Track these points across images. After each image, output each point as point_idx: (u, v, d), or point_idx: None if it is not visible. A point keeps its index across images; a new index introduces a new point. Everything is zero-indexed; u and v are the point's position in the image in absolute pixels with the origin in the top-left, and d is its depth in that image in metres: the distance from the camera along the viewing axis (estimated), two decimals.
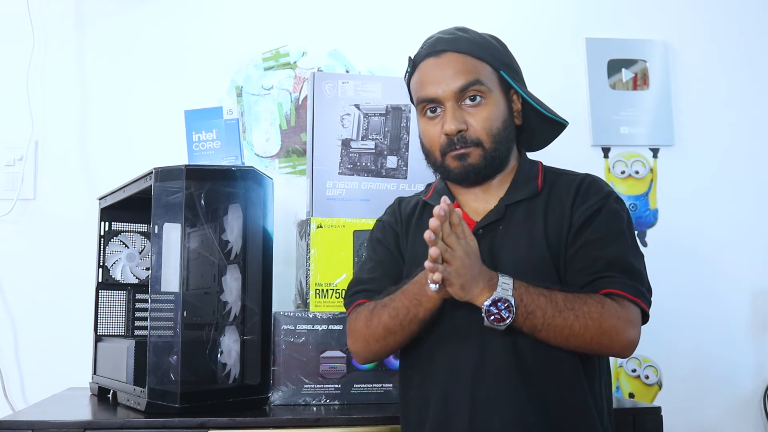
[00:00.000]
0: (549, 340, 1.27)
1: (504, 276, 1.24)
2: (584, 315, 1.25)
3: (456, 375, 1.32)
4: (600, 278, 1.30)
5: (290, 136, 2.25)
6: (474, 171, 1.38)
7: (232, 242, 1.63)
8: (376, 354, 1.42)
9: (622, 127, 2.35)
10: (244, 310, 1.63)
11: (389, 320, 1.34)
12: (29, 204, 2.17)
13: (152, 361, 1.55)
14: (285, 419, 1.57)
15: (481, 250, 1.32)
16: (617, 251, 1.32)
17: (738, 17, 2.43)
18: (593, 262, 1.31)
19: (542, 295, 1.24)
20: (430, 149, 1.42)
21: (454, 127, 1.35)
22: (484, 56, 1.39)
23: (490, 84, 1.39)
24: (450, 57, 1.38)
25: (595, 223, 1.34)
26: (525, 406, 1.28)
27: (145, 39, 2.24)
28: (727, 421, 2.27)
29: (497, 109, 1.39)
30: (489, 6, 2.35)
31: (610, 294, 1.28)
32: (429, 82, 1.39)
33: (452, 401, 1.32)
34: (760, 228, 2.36)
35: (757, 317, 2.33)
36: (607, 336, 1.26)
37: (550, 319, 1.24)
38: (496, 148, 1.38)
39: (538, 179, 1.42)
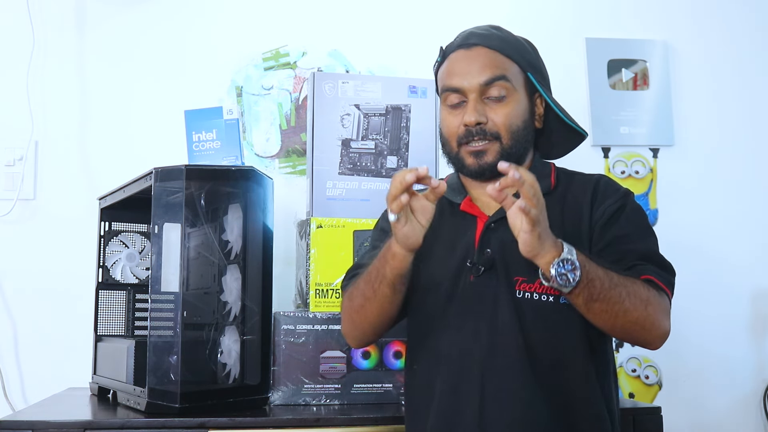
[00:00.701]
0: (600, 313, 1.24)
1: (565, 242, 1.22)
2: (634, 294, 1.25)
3: (466, 367, 1.32)
4: (634, 266, 1.31)
5: (290, 136, 2.25)
6: (489, 168, 1.38)
7: (232, 242, 1.63)
8: (361, 330, 1.42)
9: (622, 127, 2.35)
10: (244, 310, 1.63)
11: (364, 286, 1.36)
12: (29, 204, 2.17)
13: (152, 361, 1.55)
14: (285, 419, 1.57)
15: (492, 243, 1.34)
16: (648, 246, 1.35)
17: (738, 17, 2.43)
18: (625, 255, 1.32)
19: (600, 268, 1.23)
20: (447, 138, 1.43)
21: (474, 119, 1.37)
22: (514, 55, 1.41)
23: (516, 83, 1.40)
24: (480, 51, 1.40)
25: (622, 219, 1.35)
26: (536, 401, 1.28)
27: (145, 39, 2.24)
28: (727, 421, 2.27)
29: (519, 107, 1.40)
30: (489, 6, 2.35)
31: (650, 281, 1.29)
32: (456, 73, 1.41)
33: (461, 394, 1.31)
34: (760, 228, 2.36)
35: (757, 317, 2.33)
36: (649, 321, 1.27)
37: (606, 290, 1.22)
38: (513, 145, 1.39)
39: (551, 177, 1.43)
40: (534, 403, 1.28)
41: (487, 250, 1.35)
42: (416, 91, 1.91)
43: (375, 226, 1.57)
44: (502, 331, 1.30)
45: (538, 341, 1.30)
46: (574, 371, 1.31)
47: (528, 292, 1.32)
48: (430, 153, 1.91)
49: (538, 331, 1.30)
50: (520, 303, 1.31)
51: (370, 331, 1.43)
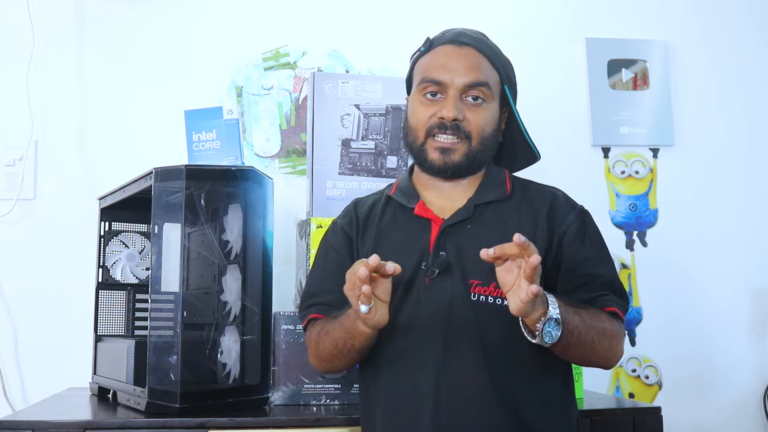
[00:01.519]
0: (572, 355, 1.31)
1: (547, 293, 1.23)
2: (602, 333, 1.30)
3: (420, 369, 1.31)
4: (600, 296, 1.35)
5: (290, 136, 2.25)
6: (453, 167, 1.39)
7: (232, 242, 1.63)
8: (331, 371, 1.51)
9: (622, 127, 2.35)
10: (244, 310, 1.62)
11: (331, 348, 1.37)
12: (29, 204, 2.17)
13: (152, 361, 1.55)
14: (285, 419, 1.56)
15: (447, 246, 1.34)
16: (610, 271, 1.39)
17: (738, 17, 2.43)
18: (592, 280, 1.36)
19: (576, 315, 1.26)
20: (414, 127, 1.41)
21: (453, 115, 1.36)
22: (498, 65, 1.43)
23: (494, 92, 1.42)
24: (470, 51, 1.41)
25: (586, 240, 1.39)
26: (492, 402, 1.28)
27: (145, 39, 2.24)
28: (727, 421, 2.27)
29: (492, 115, 1.42)
30: (489, 6, 2.36)
31: (612, 312, 1.34)
32: (442, 66, 1.39)
33: (417, 396, 1.31)
34: (759, 228, 2.36)
35: (757, 317, 2.33)
36: (611, 353, 1.34)
37: (582, 336, 1.27)
38: (480, 150, 1.40)
39: (507, 184, 1.44)
40: (490, 404, 1.28)
41: (442, 253, 1.35)
42: None
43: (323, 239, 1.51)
44: (457, 333, 1.31)
45: (494, 343, 1.30)
46: (529, 372, 1.32)
47: (483, 295, 1.32)
48: None
49: (493, 333, 1.30)
50: (475, 306, 1.32)
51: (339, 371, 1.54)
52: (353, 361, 1.39)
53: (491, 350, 1.30)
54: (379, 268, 1.20)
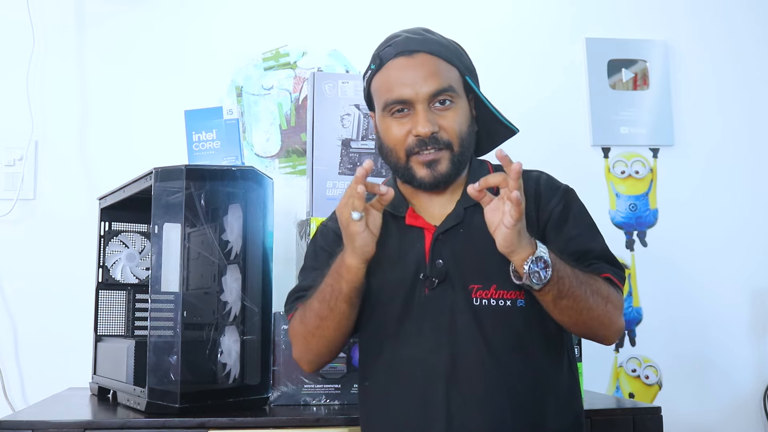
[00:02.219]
0: (565, 309, 1.26)
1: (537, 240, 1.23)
2: (597, 291, 1.28)
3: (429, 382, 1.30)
4: (591, 265, 1.34)
5: (290, 136, 2.25)
6: (443, 179, 1.36)
7: (232, 242, 1.63)
8: (317, 351, 1.39)
9: (622, 127, 2.35)
10: (244, 310, 1.62)
11: (318, 305, 1.33)
12: (29, 204, 2.17)
13: (152, 361, 1.55)
14: (285, 419, 1.56)
15: (443, 254, 1.33)
16: (600, 245, 1.38)
17: (738, 17, 2.43)
18: (581, 255, 1.34)
19: (567, 266, 1.25)
20: (393, 148, 1.37)
21: (428, 130, 1.32)
22: (454, 60, 1.38)
23: (459, 89, 1.38)
24: (423, 58, 1.35)
25: (570, 219, 1.37)
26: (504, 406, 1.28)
27: (145, 39, 2.24)
28: (727, 421, 2.27)
29: (464, 113, 1.38)
30: (489, 6, 2.36)
31: (608, 279, 1.33)
32: (400, 83, 1.34)
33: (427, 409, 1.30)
34: (759, 228, 2.36)
35: (757, 317, 2.33)
36: (608, 317, 1.30)
37: (574, 288, 1.24)
38: (462, 152, 1.37)
39: None
40: (502, 408, 1.28)
41: (439, 261, 1.33)
42: None
43: (312, 241, 1.52)
44: (462, 340, 1.30)
45: (500, 346, 1.30)
46: (537, 372, 1.32)
47: (485, 299, 1.31)
48: None
49: (498, 337, 1.30)
50: (478, 311, 1.30)
51: (326, 352, 1.40)
52: (342, 315, 1.32)
53: (497, 352, 1.29)
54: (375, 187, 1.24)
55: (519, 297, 1.31)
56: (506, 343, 1.30)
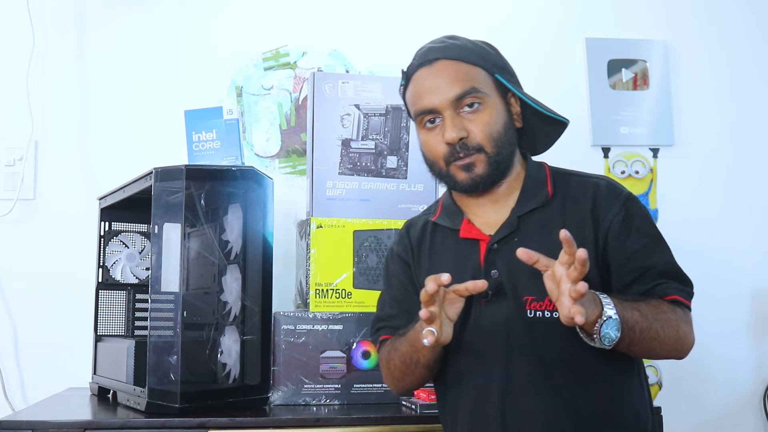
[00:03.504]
0: (638, 352, 1.26)
1: (600, 293, 1.19)
2: (666, 324, 1.24)
3: (484, 393, 1.31)
4: (656, 286, 1.30)
5: (290, 136, 2.25)
6: (482, 180, 1.35)
7: (232, 242, 1.63)
8: (405, 389, 1.45)
9: (622, 127, 2.35)
10: (244, 310, 1.63)
11: (400, 364, 1.37)
12: (29, 204, 2.17)
13: (152, 361, 1.55)
14: (285, 419, 1.57)
15: (497, 264, 1.32)
16: (664, 258, 1.33)
17: (738, 17, 2.43)
18: (645, 272, 1.30)
19: (635, 310, 1.21)
20: (433, 160, 1.38)
21: (455, 135, 1.32)
22: (477, 61, 1.37)
23: (486, 88, 1.36)
24: (442, 65, 1.35)
25: (633, 231, 1.33)
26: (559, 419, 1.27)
27: (145, 39, 2.24)
28: (727, 421, 2.27)
29: (496, 113, 1.36)
30: (489, 6, 2.36)
31: (675, 301, 1.29)
32: (424, 93, 1.36)
33: (483, 419, 1.31)
34: (759, 228, 2.36)
35: (757, 317, 2.33)
36: (681, 342, 1.28)
37: (645, 332, 1.22)
38: (498, 152, 1.35)
39: (548, 185, 1.39)
40: (557, 421, 1.28)
41: (494, 272, 1.33)
42: None
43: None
44: (517, 353, 1.29)
45: (554, 359, 1.29)
46: (594, 384, 1.30)
47: (539, 311, 1.30)
48: None
49: (553, 349, 1.29)
50: (532, 323, 1.29)
51: (415, 388, 1.47)
52: (422, 377, 1.37)
53: (552, 365, 1.29)
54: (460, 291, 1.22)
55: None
56: (560, 355, 1.29)
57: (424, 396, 1.65)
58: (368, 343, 1.74)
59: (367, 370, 1.73)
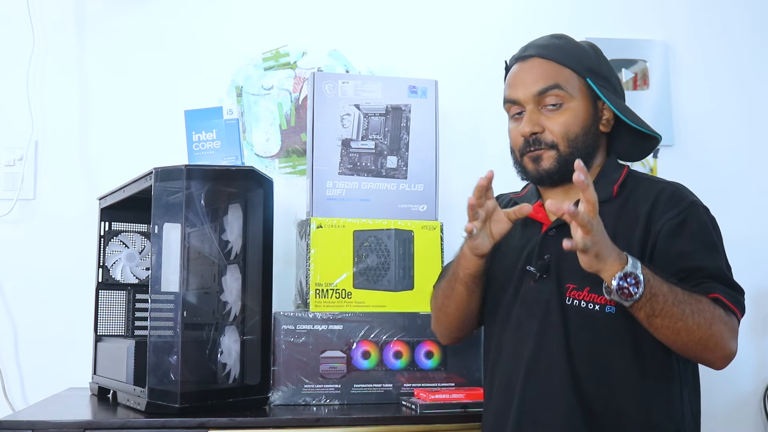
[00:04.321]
0: (661, 328, 1.23)
1: (631, 256, 1.21)
2: (698, 312, 1.23)
3: (514, 368, 1.37)
4: (700, 283, 1.28)
5: (290, 136, 2.25)
6: (547, 174, 1.40)
7: (232, 242, 1.63)
8: (446, 326, 1.54)
9: None
10: (244, 310, 1.63)
11: (444, 284, 1.49)
12: (29, 204, 2.16)
13: (152, 361, 1.55)
14: (285, 419, 1.57)
15: (551, 249, 1.37)
16: (715, 264, 1.32)
17: (737, 17, 2.43)
18: (691, 273, 1.30)
19: (665, 283, 1.21)
20: (513, 148, 1.46)
21: (528, 130, 1.39)
22: (569, 62, 1.42)
23: (572, 90, 1.40)
24: (534, 62, 1.42)
25: (686, 234, 1.32)
26: (575, 407, 1.29)
27: (145, 39, 2.24)
28: (727, 421, 2.27)
29: (577, 114, 1.40)
30: (489, 6, 2.35)
31: (717, 299, 1.27)
32: (513, 85, 1.44)
33: (508, 391, 1.37)
34: (759, 228, 2.36)
35: (757, 317, 2.33)
36: (713, 341, 1.25)
37: (669, 306, 1.20)
38: (571, 153, 1.39)
39: (616, 184, 1.41)
40: (573, 409, 1.30)
41: (547, 256, 1.38)
42: (416, 91, 1.91)
43: None
44: (548, 335, 1.34)
45: (581, 348, 1.31)
46: (619, 382, 1.30)
47: (576, 299, 1.33)
48: (430, 153, 1.91)
49: (582, 338, 1.31)
50: (568, 310, 1.33)
51: (455, 327, 1.54)
52: (461, 296, 1.44)
53: (577, 354, 1.31)
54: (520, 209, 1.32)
55: (609, 303, 1.30)
56: (588, 346, 1.31)
57: (424, 396, 1.65)
58: (368, 343, 1.74)
59: (367, 370, 1.73)
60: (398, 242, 1.82)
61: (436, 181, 1.91)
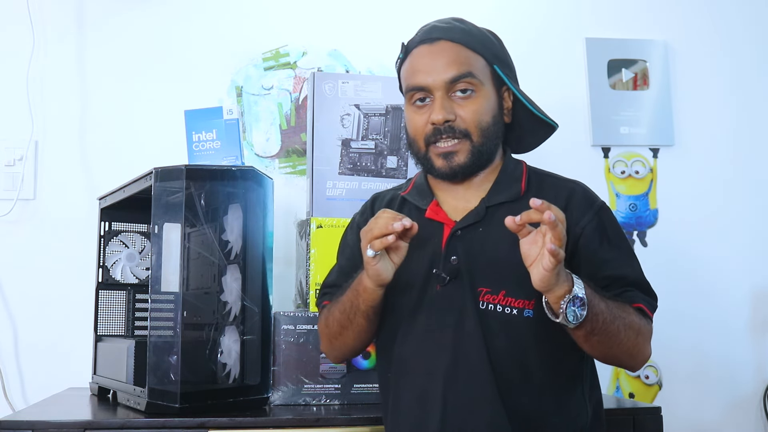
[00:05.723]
0: (596, 344, 1.24)
1: (573, 274, 1.19)
2: (628, 327, 1.24)
3: (430, 377, 1.30)
4: (624, 292, 1.30)
5: (290, 136, 2.25)
6: (461, 170, 1.35)
7: (232, 242, 1.63)
8: (340, 351, 1.45)
9: (622, 127, 2.35)
10: (244, 310, 1.63)
11: (339, 315, 1.37)
12: (29, 204, 2.16)
13: (152, 361, 1.55)
14: (285, 419, 1.57)
15: (458, 251, 1.31)
16: (635, 271, 1.33)
17: (737, 17, 2.43)
18: (614, 281, 1.31)
19: (602, 301, 1.21)
20: (414, 138, 1.38)
21: (442, 117, 1.32)
22: (478, 48, 1.36)
23: (482, 77, 1.35)
24: (443, 45, 1.35)
25: (605, 242, 1.32)
26: (499, 415, 1.26)
27: (145, 39, 2.24)
28: (727, 421, 2.27)
29: (488, 103, 1.35)
30: (489, 6, 2.35)
31: (640, 309, 1.29)
32: (420, 70, 1.35)
33: (425, 403, 1.30)
34: (759, 227, 2.36)
35: (757, 317, 2.33)
36: (637, 349, 1.27)
37: (607, 324, 1.21)
38: (483, 143, 1.34)
39: (522, 181, 1.38)
40: (496, 417, 1.26)
41: (453, 258, 1.32)
42: None
43: (343, 235, 1.53)
44: (466, 342, 1.28)
45: (501, 354, 1.28)
46: (540, 385, 1.29)
47: (492, 303, 1.29)
48: None
49: (501, 344, 1.28)
50: (484, 314, 1.29)
51: (349, 352, 1.46)
52: (360, 329, 1.35)
53: (498, 360, 1.28)
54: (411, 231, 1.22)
55: (527, 307, 1.28)
56: (508, 351, 1.28)
57: None
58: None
59: (367, 370, 1.73)
60: None
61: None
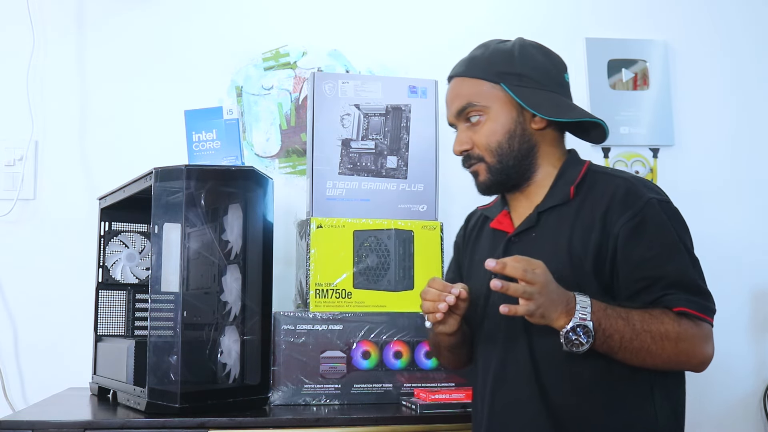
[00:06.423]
0: (626, 360, 1.26)
1: (582, 297, 1.22)
2: (661, 336, 1.23)
3: (484, 378, 1.41)
4: (663, 296, 1.27)
5: (290, 136, 2.25)
6: (485, 186, 1.44)
7: (232, 242, 1.63)
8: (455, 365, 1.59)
9: (622, 127, 2.35)
10: (244, 310, 1.63)
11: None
12: (29, 204, 2.16)
13: (152, 361, 1.55)
14: (285, 419, 1.57)
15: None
16: (677, 268, 1.29)
17: (737, 18, 2.43)
18: (654, 282, 1.27)
19: (620, 318, 1.22)
20: None
21: (458, 148, 1.44)
22: (479, 73, 1.42)
23: (486, 101, 1.40)
24: (454, 83, 1.47)
25: (645, 238, 1.29)
26: (541, 416, 1.29)
27: (145, 39, 2.24)
28: (727, 421, 2.27)
29: (497, 123, 1.40)
30: (489, 6, 2.35)
31: (682, 312, 1.26)
32: (446, 108, 1.48)
33: (480, 405, 1.42)
34: (760, 228, 2.36)
35: (757, 317, 2.33)
36: (683, 355, 1.26)
37: (627, 342, 1.23)
38: (500, 161, 1.40)
39: (573, 184, 1.38)
40: (538, 418, 1.30)
41: None
42: (416, 91, 1.91)
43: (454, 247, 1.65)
44: (513, 344, 1.35)
45: (547, 356, 1.31)
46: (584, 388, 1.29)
47: None
48: (430, 153, 1.91)
49: (544, 345, 1.31)
50: None
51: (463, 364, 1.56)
52: (450, 359, 1.55)
53: (541, 362, 1.32)
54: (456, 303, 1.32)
55: None
56: (551, 353, 1.29)
57: (424, 396, 1.65)
58: (368, 343, 1.74)
59: (367, 370, 1.73)
60: (398, 242, 1.82)
61: (436, 181, 1.91)
